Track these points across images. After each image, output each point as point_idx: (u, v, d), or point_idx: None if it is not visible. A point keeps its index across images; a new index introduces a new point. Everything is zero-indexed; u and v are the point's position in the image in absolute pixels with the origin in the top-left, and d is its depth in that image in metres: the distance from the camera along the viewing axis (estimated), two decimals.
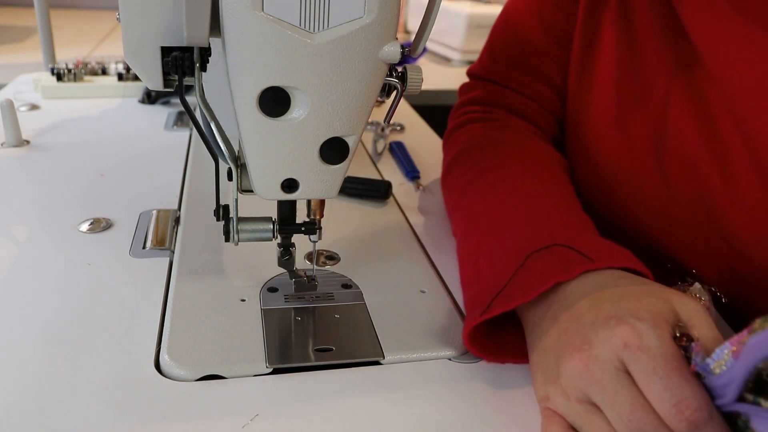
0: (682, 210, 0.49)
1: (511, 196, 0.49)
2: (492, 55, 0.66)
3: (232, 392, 0.37)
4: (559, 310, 0.39)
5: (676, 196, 0.49)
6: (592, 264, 0.39)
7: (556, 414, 0.37)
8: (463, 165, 0.57)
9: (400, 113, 0.97)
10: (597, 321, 0.35)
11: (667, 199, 0.50)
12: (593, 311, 0.36)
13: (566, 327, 0.37)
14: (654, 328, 0.33)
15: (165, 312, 0.44)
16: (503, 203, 0.48)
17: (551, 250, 0.41)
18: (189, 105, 0.36)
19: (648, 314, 0.34)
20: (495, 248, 0.45)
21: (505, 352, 0.42)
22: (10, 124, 0.71)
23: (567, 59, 0.59)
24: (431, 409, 0.37)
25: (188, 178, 0.65)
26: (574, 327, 0.37)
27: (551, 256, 0.41)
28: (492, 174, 0.52)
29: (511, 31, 0.63)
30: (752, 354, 0.28)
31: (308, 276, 0.46)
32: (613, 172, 0.54)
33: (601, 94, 0.54)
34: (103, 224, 0.55)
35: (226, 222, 0.41)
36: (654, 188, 0.50)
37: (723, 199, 0.45)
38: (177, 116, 0.87)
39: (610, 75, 0.53)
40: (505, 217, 0.47)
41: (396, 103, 0.40)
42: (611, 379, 0.33)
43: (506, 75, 0.64)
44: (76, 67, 0.94)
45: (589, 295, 0.38)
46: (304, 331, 0.43)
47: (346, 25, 0.33)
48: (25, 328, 0.41)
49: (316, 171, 0.38)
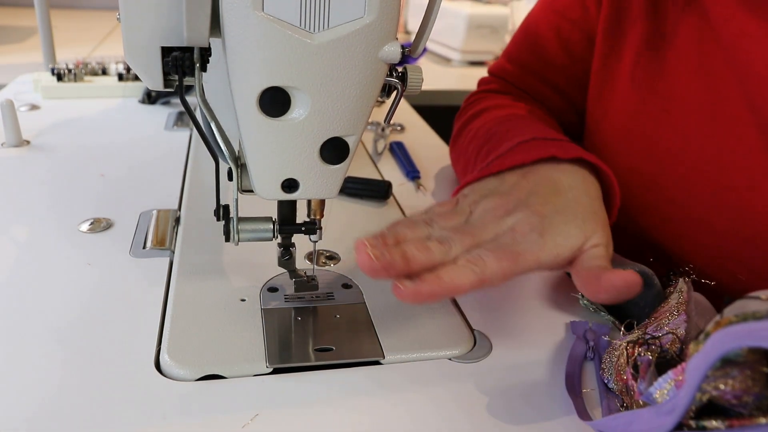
0: (691, 212, 0.49)
1: (521, 121, 0.55)
2: (510, 59, 0.68)
3: (232, 392, 0.37)
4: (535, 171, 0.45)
5: (687, 199, 0.49)
6: (585, 153, 0.45)
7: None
8: (479, 120, 0.61)
9: (400, 113, 0.97)
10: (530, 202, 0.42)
11: (675, 202, 0.50)
12: (542, 197, 0.42)
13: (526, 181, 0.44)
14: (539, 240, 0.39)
15: (165, 312, 0.44)
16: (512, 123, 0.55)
17: (554, 142, 0.47)
18: (189, 105, 0.36)
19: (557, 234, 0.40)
20: (492, 144, 0.51)
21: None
22: (10, 124, 0.71)
23: (581, 74, 0.61)
24: (431, 409, 0.37)
25: (188, 178, 0.65)
26: (523, 184, 0.44)
27: (551, 143, 0.47)
28: (503, 112, 0.59)
29: (529, 41, 0.65)
30: (692, 379, 0.28)
31: (308, 276, 0.46)
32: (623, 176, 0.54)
33: (617, 101, 0.54)
34: (103, 224, 0.55)
35: (226, 222, 0.41)
36: (663, 192, 0.50)
37: (742, 199, 0.45)
38: (177, 116, 0.87)
39: (632, 82, 0.53)
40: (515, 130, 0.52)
41: (396, 103, 0.40)
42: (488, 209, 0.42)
43: (521, 79, 0.66)
44: (76, 67, 0.94)
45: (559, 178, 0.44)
46: (304, 331, 0.43)
47: (346, 25, 0.33)
48: (25, 328, 0.41)
49: (317, 171, 0.38)
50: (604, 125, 0.56)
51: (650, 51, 0.51)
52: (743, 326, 0.25)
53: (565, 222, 0.40)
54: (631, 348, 0.37)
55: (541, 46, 0.63)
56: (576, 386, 0.39)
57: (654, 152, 0.51)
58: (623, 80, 0.54)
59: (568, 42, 0.61)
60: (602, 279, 0.37)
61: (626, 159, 0.53)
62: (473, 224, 0.41)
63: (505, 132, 0.53)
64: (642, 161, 0.52)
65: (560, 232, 0.40)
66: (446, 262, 0.37)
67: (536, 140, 0.48)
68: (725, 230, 0.47)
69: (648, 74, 0.52)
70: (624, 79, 0.54)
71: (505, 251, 0.38)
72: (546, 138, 0.48)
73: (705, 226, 0.48)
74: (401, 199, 0.65)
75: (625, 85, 0.53)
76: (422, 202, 0.66)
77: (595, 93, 0.58)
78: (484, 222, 0.41)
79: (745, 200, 0.45)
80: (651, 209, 0.52)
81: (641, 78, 0.52)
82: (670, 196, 0.50)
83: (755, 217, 0.45)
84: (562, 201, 0.42)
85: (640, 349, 0.36)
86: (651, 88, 0.51)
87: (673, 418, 0.28)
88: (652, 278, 0.43)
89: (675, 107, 0.49)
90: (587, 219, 0.41)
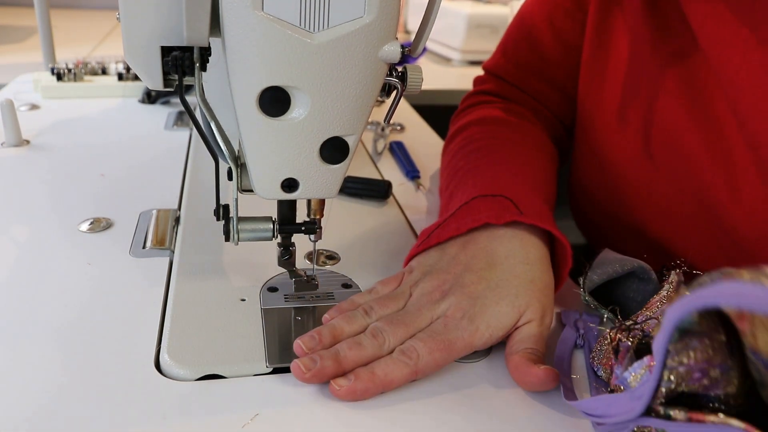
0: (683, 207, 0.49)
1: (488, 159, 0.54)
2: (505, 54, 0.68)
3: (232, 392, 0.37)
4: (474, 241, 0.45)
5: (677, 194, 0.49)
6: (520, 216, 0.44)
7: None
8: (461, 136, 0.61)
9: (400, 113, 0.97)
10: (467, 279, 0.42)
11: (667, 196, 0.50)
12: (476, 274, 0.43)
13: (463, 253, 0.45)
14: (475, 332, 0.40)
15: (165, 312, 0.44)
16: (479, 161, 0.54)
17: (496, 199, 0.47)
18: (189, 105, 0.35)
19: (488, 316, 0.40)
20: (456, 193, 0.51)
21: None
22: (10, 124, 0.71)
23: (576, 65, 0.60)
24: (431, 409, 0.37)
25: (188, 178, 0.65)
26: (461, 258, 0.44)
27: (493, 202, 0.47)
28: (480, 142, 0.58)
29: (523, 34, 0.65)
30: (657, 357, 0.28)
31: (308, 276, 0.46)
32: (616, 170, 0.54)
33: (608, 93, 0.54)
34: (103, 224, 0.55)
35: (226, 222, 0.41)
36: (655, 186, 0.51)
37: (724, 197, 0.45)
38: (177, 116, 0.87)
39: (617, 74, 0.53)
40: (476, 172, 0.53)
41: (396, 103, 0.40)
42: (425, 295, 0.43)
43: (515, 75, 0.66)
44: (76, 67, 0.94)
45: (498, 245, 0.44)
46: (304, 330, 0.43)
47: (346, 25, 0.33)
48: (25, 329, 0.41)
49: (316, 171, 0.38)
50: (597, 116, 0.56)
51: (643, 41, 0.51)
52: (691, 295, 0.26)
53: (497, 301, 0.41)
54: (614, 334, 0.38)
55: (535, 39, 0.63)
56: (565, 370, 0.40)
57: (648, 145, 0.51)
58: (616, 71, 0.54)
59: (561, 31, 0.61)
60: (522, 372, 0.39)
61: (621, 151, 0.53)
62: (409, 312, 0.42)
63: (462, 177, 0.53)
64: (635, 154, 0.52)
65: (492, 313, 0.41)
66: (380, 354, 0.39)
67: (478, 199, 0.48)
68: (710, 225, 0.47)
69: (639, 64, 0.51)
70: (617, 70, 0.53)
71: (437, 341, 0.39)
72: (490, 194, 0.48)
73: (693, 221, 0.49)
74: (401, 199, 0.65)
75: (618, 76, 0.53)
76: (422, 201, 0.66)
77: (586, 83, 0.58)
78: (420, 307, 0.42)
79: (725, 199, 0.45)
80: (645, 202, 0.53)
81: (633, 69, 0.52)
82: (663, 190, 0.50)
83: (729, 211, 0.45)
84: (496, 275, 0.42)
85: (621, 335, 0.37)
86: (643, 78, 0.51)
87: (642, 403, 0.29)
88: (649, 273, 0.43)
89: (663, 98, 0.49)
90: (520, 293, 0.41)
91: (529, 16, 0.64)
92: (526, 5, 0.66)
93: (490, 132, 0.59)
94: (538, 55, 0.63)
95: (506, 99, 0.66)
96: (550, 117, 0.65)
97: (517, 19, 0.67)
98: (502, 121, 0.61)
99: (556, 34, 0.61)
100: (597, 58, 0.56)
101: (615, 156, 0.54)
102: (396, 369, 0.37)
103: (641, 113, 0.51)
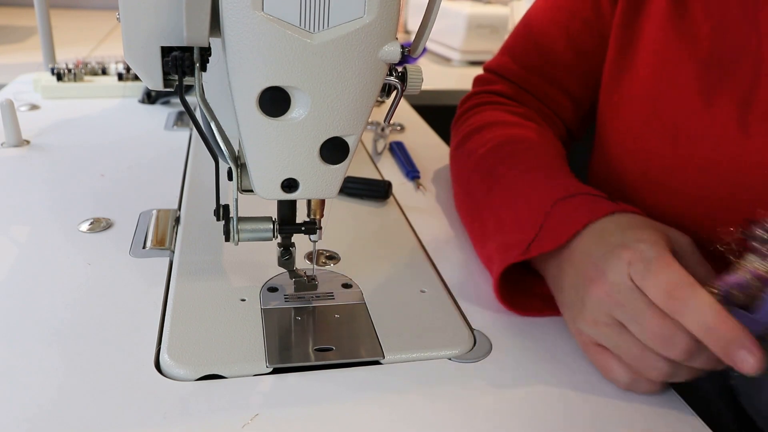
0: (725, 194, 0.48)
1: (530, 160, 0.54)
2: (512, 57, 0.68)
3: (232, 392, 0.37)
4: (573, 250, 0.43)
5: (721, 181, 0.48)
6: (617, 206, 0.43)
7: (594, 344, 0.41)
8: (479, 138, 0.60)
9: (400, 113, 0.97)
10: (605, 251, 0.39)
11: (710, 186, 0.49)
12: (600, 244, 0.41)
13: (579, 261, 0.42)
14: (651, 246, 0.37)
15: (165, 312, 0.44)
16: (523, 164, 0.53)
17: (576, 198, 0.46)
18: (189, 105, 0.36)
19: (646, 237, 0.38)
20: (518, 201, 0.49)
21: (533, 305, 0.47)
22: (10, 124, 0.71)
23: (587, 72, 0.61)
24: (431, 409, 0.37)
25: (188, 178, 0.65)
26: (586, 261, 0.41)
27: (577, 202, 0.45)
28: (509, 146, 0.57)
29: (533, 39, 0.65)
30: None
31: (308, 276, 0.46)
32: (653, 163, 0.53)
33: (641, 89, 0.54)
34: (103, 224, 0.55)
35: (226, 222, 0.41)
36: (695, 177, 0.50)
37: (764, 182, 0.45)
38: (177, 116, 0.87)
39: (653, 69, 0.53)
40: (526, 176, 0.52)
41: (396, 103, 0.40)
42: (627, 296, 0.37)
43: (523, 78, 0.66)
44: (76, 67, 0.94)
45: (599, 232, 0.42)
46: (304, 330, 0.43)
47: (346, 25, 0.33)
48: (25, 329, 0.41)
49: (316, 171, 0.38)
50: (623, 112, 0.56)
51: (670, 37, 0.51)
52: None
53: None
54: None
55: (546, 46, 0.63)
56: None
57: (678, 135, 0.50)
58: (644, 68, 0.53)
59: (577, 40, 0.61)
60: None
61: (648, 143, 0.53)
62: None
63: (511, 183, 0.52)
64: (664, 145, 0.51)
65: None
66: None
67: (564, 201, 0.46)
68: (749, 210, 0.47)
69: (668, 59, 0.51)
70: (644, 66, 0.53)
71: None
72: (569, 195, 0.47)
73: (730, 205, 0.48)
74: (401, 199, 0.65)
75: (646, 72, 0.53)
76: (422, 201, 0.66)
77: (611, 82, 0.57)
78: None
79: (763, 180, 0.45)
80: (676, 192, 0.52)
81: (662, 64, 0.52)
82: (694, 179, 0.50)
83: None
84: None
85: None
86: (672, 72, 0.51)
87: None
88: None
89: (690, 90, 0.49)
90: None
91: (537, 23, 0.65)
92: (534, 10, 0.66)
93: (512, 134, 0.59)
94: (549, 62, 0.64)
95: (513, 100, 0.66)
96: (555, 119, 0.65)
97: (524, 25, 0.67)
98: (514, 124, 0.61)
99: (571, 43, 0.62)
100: (623, 56, 0.56)
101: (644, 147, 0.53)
102: None
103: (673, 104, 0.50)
